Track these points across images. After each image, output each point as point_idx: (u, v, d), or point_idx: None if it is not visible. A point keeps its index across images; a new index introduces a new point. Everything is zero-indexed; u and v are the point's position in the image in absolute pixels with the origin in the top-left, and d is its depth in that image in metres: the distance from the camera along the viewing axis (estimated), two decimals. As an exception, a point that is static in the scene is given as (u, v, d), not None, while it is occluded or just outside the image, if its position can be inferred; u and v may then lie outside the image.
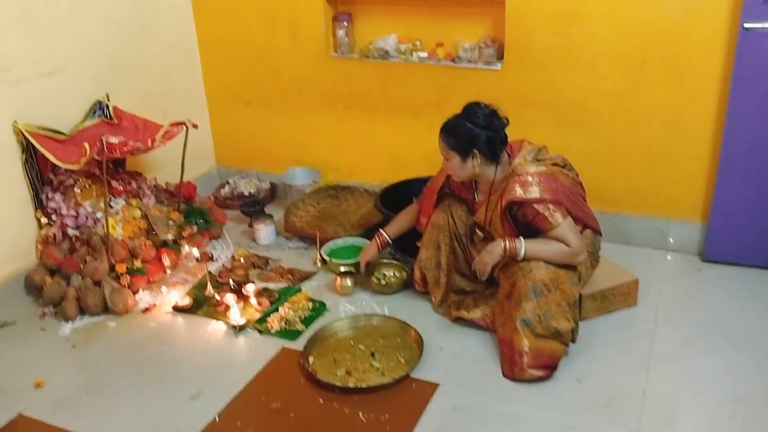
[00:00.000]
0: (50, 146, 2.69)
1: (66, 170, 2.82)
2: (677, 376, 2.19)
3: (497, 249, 2.30)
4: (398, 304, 2.66)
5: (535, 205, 2.23)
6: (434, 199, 2.60)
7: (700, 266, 2.84)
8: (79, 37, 2.91)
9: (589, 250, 2.41)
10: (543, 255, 2.24)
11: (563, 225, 2.23)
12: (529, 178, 2.25)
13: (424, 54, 3.13)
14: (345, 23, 3.26)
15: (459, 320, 2.50)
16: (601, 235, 2.49)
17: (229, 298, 2.64)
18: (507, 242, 2.28)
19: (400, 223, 2.75)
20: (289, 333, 2.50)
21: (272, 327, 2.52)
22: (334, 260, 2.86)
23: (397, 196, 3.10)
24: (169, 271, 2.97)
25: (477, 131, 2.29)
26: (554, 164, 2.36)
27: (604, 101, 2.85)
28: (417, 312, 2.59)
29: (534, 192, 2.23)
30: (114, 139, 2.61)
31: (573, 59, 2.84)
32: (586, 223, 2.41)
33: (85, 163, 2.62)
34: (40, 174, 2.80)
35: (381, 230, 2.76)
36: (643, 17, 2.67)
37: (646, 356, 2.28)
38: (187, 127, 2.93)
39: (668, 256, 2.92)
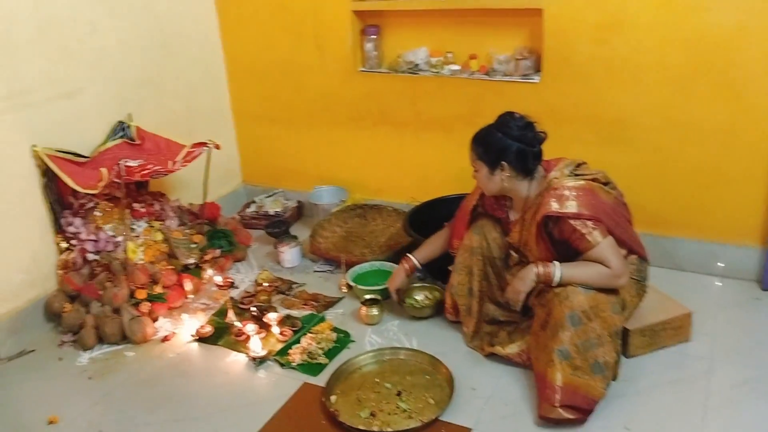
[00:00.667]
0: (69, 170, 2.61)
1: (86, 193, 2.74)
2: (738, 424, 1.97)
3: (530, 275, 2.12)
4: (427, 335, 2.50)
5: (572, 221, 2.05)
6: (467, 220, 2.44)
7: (759, 295, 2.60)
8: (100, 57, 2.83)
9: (634, 278, 2.21)
10: (581, 278, 2.06)
11: (603, 244, 2.05)
12: (566, 192, 2.08)
13: (456, 67, 2.97)
14: (373, 36, 3.12)
15: (493, 355, 2.32)
16: (648, 261, 2.29)
17: (250, 328, 2.51)
18: (540, 267, 2.10)
19: (429, 247, 2.60)
20: (311, 367, 2.36)
21: (294, 360, 2.39)
22: (359, 287, 2.72)
23: (426, 216, 2.95)
24: (191, 296, 2.87)
25: (508, 142, 2.14)
26: (594, 179, 2.18)
27: (651, 116, 2.64)
28: (447, 344, 2.43)
29: (571, 207, 2.05)
30: (132, 163, 2.52)
31: (617, 71, 2.64)
32: (630, 247, 2.21)
33: (103, 187, 2.53)
34: (60, 197, 2.73)
35: (409, 255, 2.61)
36: (693, 26, 2.46)
37: (702, 400, 2.06)
38: (209, 148, 2.82)
39: (723, 284, 2.69)
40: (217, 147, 2.84)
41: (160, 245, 2.86)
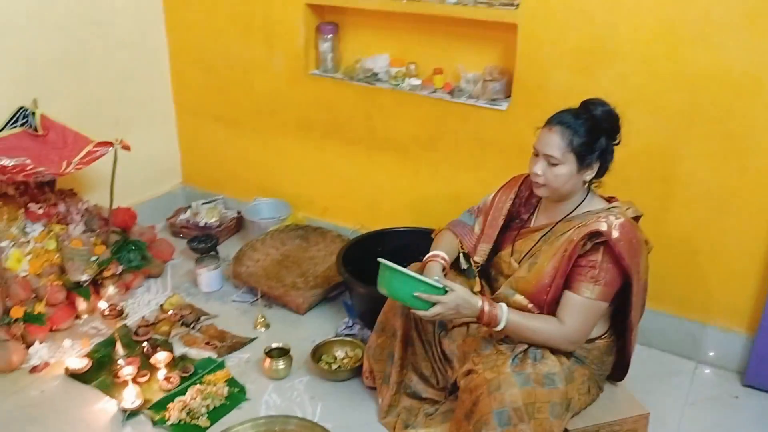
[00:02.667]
0: (-60, 161, 2.22)
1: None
2: None
3: (472, 307, 1.68)
4: (337, 400, 2.10)
5: (602, 255, 1.65)
6: (499, 224, 1.91)
7: (737, 392, 2.17)
8: (1, 30, 2.43)
9: (593, 370, 1.79)
10: (527, 332, 1.70)
11: (591, 303, 1.67)
12: (618, 221, 1.67)
13: (417, 81, 2.55)
14: (330, 35, 2.70)
15: (405, 440, 1.92)
16: (627, 361, 1.88)
17: (127, 371, 2.12)
18: (487, 304, 1.68)
19: (446, 245, 1.95)
20: (187, 429, 1.97)
21: (170, 417, 1.99)
22: (397, 268, 1.67)
23: (368, 249, 2.52)
24: (84, 317, 2.49)
25: (604, 137, 1.72)
26: (646, 241, 1.79)
27: (632, 165, 2.21)
28: (358, 416, 2.03)
29: (615, 236, 1.64)
30: (8, 161, 2.13)
31: (597, 108, 2.20)
32: (623, 334, 1.80)
33: (-31, 187, 2.14)
34: (-64, 190, 2.35)
35: (435, 252, 1.90)
36: (694, 63, 2.03)
37: None
38: (115, 148, 2.42)
39: (698, 372, 2.27)
40: (126, 147, 2.44)
41: (51, 255, 2.46)
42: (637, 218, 1.80)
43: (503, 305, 1.71)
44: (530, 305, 1.75)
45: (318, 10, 2.70)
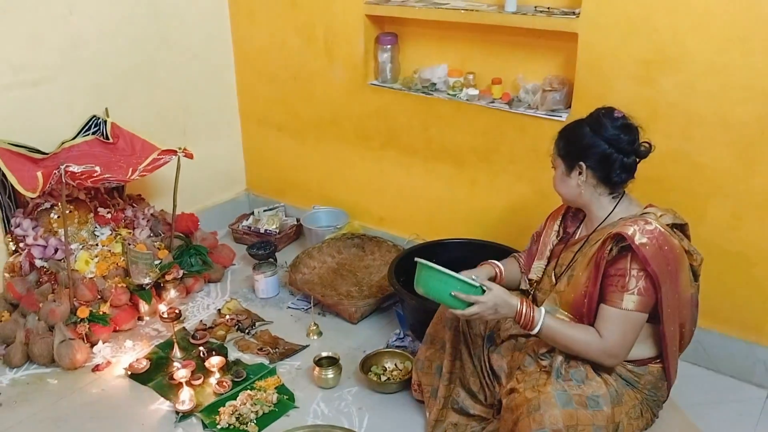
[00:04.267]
0: (17, 166, 2.35)
1: (45, 192, 2.48)
2: None
3: (510, 307, 1.65)
4: (385, 413, 2.09)
5: (628, 262, 1.58)
6: (548, 246, 1.91)
7: (814, 425, 2.02)
8: (77, 43, 2.56)
9: (645, 394, 1.70)
10: (564, 339, 1.65)
11: (625, 314, 1.59)
12: (648, 227, 1.59)
13: (474, 92, 2.51)
14: (388, 46, 2.71)
15: (450, 457, 1.88)
16: (670, 387, 1.77)
17: (181, 374, 2.17)
18: (525, 306, 1.65)
19: (507, 264, 1.99)
20: (235, 434, 2.00)
21: (220, 421, 2.03)
22: (435, 266, 1.64)
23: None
24: (146, 319, 2.58)
25: (594, 141, 1.68)
26: (688, 253, 1.68)
27: (698, 180, 2.10)
28: (404, 430, 2.01)
29: (641, 240, 1.57)
30: (76, 168, 2.23)
31: (661, 119, 2.11)
32: (667, 354, 1.68)
33: (41, 192, 2.26)
34: (14, 194, 2.49)
35: (492, 261, 1.97)
36: (766, 73, 1.91)
37: None
38: (179, 156, 2.50)
39: (770, 399, 2.13)
40: (189, 156, 2.52)
41: (117, 258, 2.57)
42: (679, 226, 1.70)
43: (542, 309, 1.67)
44: (574, 321, 1.70)
45: (377, 21, 2.71)
